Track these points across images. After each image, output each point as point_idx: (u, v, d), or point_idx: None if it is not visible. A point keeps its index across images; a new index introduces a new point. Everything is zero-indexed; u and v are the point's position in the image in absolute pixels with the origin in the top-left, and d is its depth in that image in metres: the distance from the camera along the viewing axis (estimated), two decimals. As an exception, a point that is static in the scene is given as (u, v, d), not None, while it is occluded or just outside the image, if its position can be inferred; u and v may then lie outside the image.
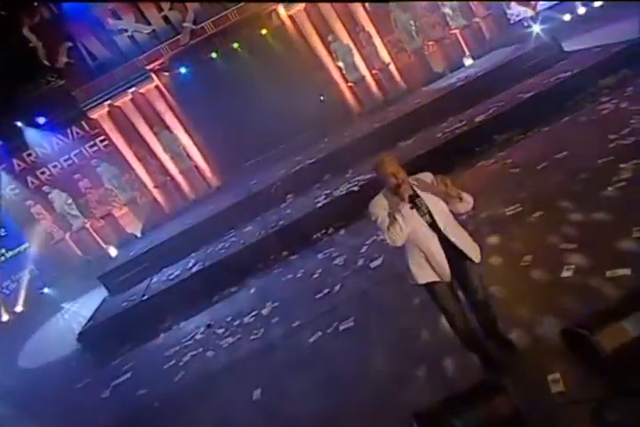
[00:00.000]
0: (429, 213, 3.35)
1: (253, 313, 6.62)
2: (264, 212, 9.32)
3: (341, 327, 5.28)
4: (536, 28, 11.33)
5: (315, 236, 8.00)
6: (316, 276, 6.78)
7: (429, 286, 3.48)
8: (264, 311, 6.54)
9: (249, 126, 11.96)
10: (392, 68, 12.83)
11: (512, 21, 12.48)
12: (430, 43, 12.63)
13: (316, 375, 4.69)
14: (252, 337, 6.06)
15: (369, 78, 12.80)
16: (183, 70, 12.30)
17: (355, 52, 12.56)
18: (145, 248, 9.96)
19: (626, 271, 3.97)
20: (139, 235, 12.19)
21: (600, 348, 2.99)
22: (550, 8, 12.12)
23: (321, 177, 9.47)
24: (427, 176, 3.44)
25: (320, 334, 5.35)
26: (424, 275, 3.43)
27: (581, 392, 3.10)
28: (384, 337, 4.75)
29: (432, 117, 9.23)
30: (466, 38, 12.62)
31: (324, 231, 7.98)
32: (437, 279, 3.41)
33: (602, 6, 11.70)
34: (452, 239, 3.36)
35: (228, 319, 6.84)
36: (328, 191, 8.71)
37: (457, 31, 12.57)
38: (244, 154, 12.31)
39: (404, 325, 4.74)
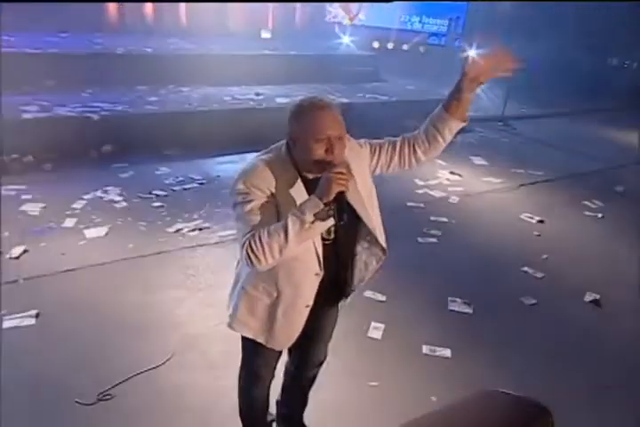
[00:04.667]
0: (337, 227, 1.75)
1: None
2: None
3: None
4: (346, 39, 10.96)
5: None
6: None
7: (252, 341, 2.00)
8: None
9: None
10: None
11: (327, 20, 11.79)
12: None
13: None
14: None
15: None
16: None
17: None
18: None
19: (445, 352, 3.28)
20: None
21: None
22: (367, 27, 11.68)
23: None
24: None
25: None
26: (248, 329, 1.93)
27: None
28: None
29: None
30: (274, 12, 11.39)
31: None
32: (265, 344, 1.95)
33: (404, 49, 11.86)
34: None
35: None
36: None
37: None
38: None
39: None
